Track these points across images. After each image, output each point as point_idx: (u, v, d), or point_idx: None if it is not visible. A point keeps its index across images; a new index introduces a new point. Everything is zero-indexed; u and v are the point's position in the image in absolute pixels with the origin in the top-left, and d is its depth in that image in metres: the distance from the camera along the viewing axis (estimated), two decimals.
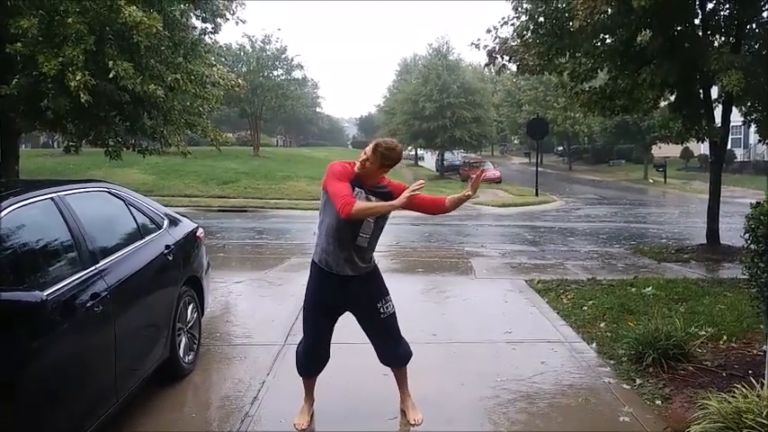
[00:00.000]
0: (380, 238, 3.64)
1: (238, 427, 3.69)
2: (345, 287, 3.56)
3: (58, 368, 2.87)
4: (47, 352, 2.80)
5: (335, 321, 3.72)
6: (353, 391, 4.15)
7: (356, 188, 3.41)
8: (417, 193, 3.30)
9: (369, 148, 3.40)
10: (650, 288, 7.05)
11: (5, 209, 2.90)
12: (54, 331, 2.88)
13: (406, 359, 3.78)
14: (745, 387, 3.36)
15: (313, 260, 3.65)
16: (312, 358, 3.71)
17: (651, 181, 33.71)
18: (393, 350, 3.74)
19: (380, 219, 3.54)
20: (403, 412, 3.80)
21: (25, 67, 9.60)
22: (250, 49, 38.25)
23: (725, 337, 5.12)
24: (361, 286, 3.59)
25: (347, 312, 3.71)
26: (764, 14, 9.82)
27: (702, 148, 31.58)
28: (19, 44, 9.10)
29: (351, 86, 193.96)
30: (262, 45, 38.61)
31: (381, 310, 3.63)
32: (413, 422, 3.71)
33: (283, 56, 39.67)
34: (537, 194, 24.39)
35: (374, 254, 3.71)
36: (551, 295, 7.00)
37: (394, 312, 3.70)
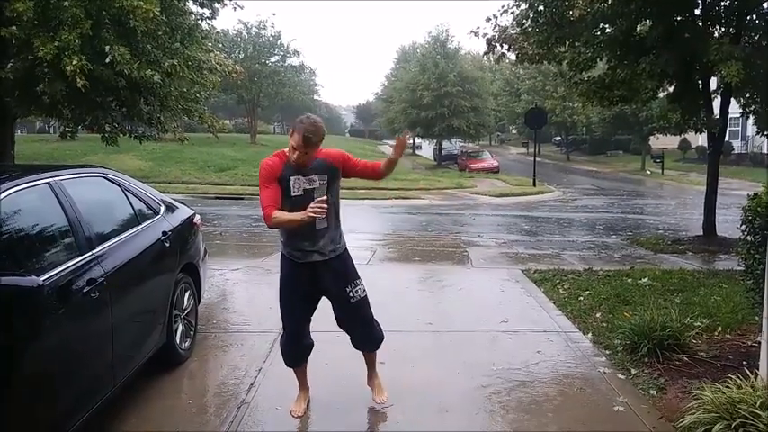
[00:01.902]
0: (376, 224, 3.63)
1: (235, 414, 3.70)
2: (315, 273, 3.57)
3: (54, 353, 2.87)
4: (44, 337, 2.79)
5: (314, 308, 3.72)
6: (349, 378, 4.15)
7: (292, 177, 3.40)
8: (319, 214, 3.25)
9: (297, 141, 3.30)
10: (646, 279, 7.08)
11: (2, 194, 2.89)
12: (51, 316, 2.88)
13: (376, 344, 3.79)
14: (739, 378, 3.38)
15: (282, 253, 3.67)
16: (295, 347, 3.70)
17: (648, 172, 33.73)
18: (365, 335, 3.74)
19: (329, 189, 3.48)
20: (372, 391, 3.84)
21: (20, 51, 9.50)
22: (246, 36, 38.01)
23: (720, 328, 5.14)
24: (330, 271, 3.59)
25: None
26: (765, 5, 9.79)
27: (700, 140, 31.60)
28: (14, 28, 8.99)
29: (349, 74, 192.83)
30: (257, 31, 38.38)
31: (351, 295, 3.61)
32: (378, 401, 3.76)
33: (279, 42, 39.45)
34: (534, 184, 24.38)
35: (342, 234, 3.69)
36: (548, 285, 7.02)
37: (365, 297, 3.67)
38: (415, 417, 3.71)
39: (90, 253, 3.32)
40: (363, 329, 3.72)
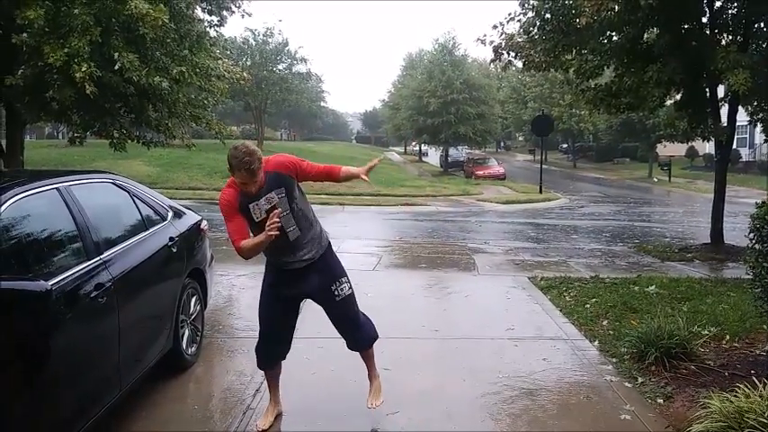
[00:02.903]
0: (382, 231, 3.62)
1: (240, 419, 3.70)
2: (299, 278, 3.56)
3: (62, 357, 2.88)
4: (51, 341, 2.81)
5: (295, 314, 3.71)
6: (351, 384, 4.14)
7: (250, 205, 3.32)
8: (275, 232, 3.17)
9: (239, 176, 3.20)
10: (653, 287, 7.05)
11: (11, 199, 2.91)
12: (58, 321, 2.90)
13: (369, 342, 3.74)
14: (747, 387, 3.35)
15: (267, 260, 3.65)
16: (267, 348, 3.67)
17: (656, 180, 33.60)
18: (355, 332, 3.70)
19: (290, 200, 3.41)
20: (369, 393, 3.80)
21: (31, 57, 9.59)
22: (254, 43, 38.21)
23: (728, 337, 5.11)
24: (314, 273, 3.56)
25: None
26: None
27: (708, 148, 31.44)
28: (25, 35, 9.09)
29: (355, 81, 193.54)
30: (264, 38, 38.57)
31: (336, 293, 3.59)
32: (369, 406, 3.72)
33: (286, 49, 39.63)
34: (541, 192, 24.33)
35: (323, 232, 3.65)
36: (554, 292, 6.99)
37: (350, 294, 3.64)
38: (420, 423, 3.70)
39: (98, 258, 3.34)
40: (353, 327, 3.68)
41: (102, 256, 3.38)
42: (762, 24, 9.88)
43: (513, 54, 11.04)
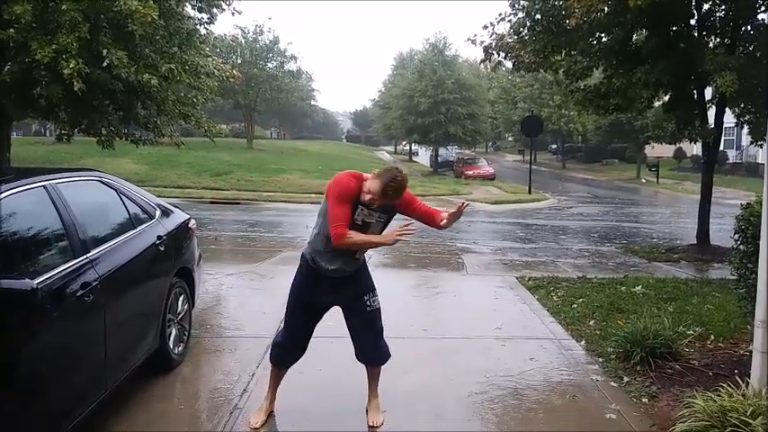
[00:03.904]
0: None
1: (227, 420, 3.69)
2: (334, 286, 3.57)
3: (47, 356, 2.87)
4: (37, 340, 2.79)
5: (320, 317, 3.71)
6: (341, 385, 4.15)
7: (359, 206, 3.38)
8: (407, 238, 3.33)
9: (376, 189, 3.28)
10: (640, 287, 7.10)
11: None
12: (44, 319, 2.88)
13: (384, 358, 3.74)
14: (730, 386, 3.40)
15: (303, 254, 3.64)
16: (288, 350, 3.69)
17: (644, 181, 33.84)
18: (373, 346, 3.69)
19: (383, 226, 3.54)
20: (367, 412, 3.75)
21: (18, 53, 9.52)
22: (243, 41, 38.06)
23: (712, 337, 5.17)
24: (349, 282, 3.59)
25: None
26: (759, 16, 9.88)
27: (695, 149, 31.74)
28: (12, 30, 9.01)
29: (346, 80, 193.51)
30: (254, 36, 38.42)
31: (368, 303, 3.62)
32: (371, 424, 3.66)
33: (276, 46, 39.50)
34: (530, 192, 24.43)
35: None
36: (542, 292, 7.03)
37: (379, 308, 3.68)
38: (407, 422, 3.71)
39: (85, 256, 3.32)
40: (374, 340, 3.68)
41: (88, 255, 3.36)
42: (749, 27, 9.99)
43: (503, 54, 11.10)
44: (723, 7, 10.11)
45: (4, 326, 2.63)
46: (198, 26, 12.85)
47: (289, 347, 3.69)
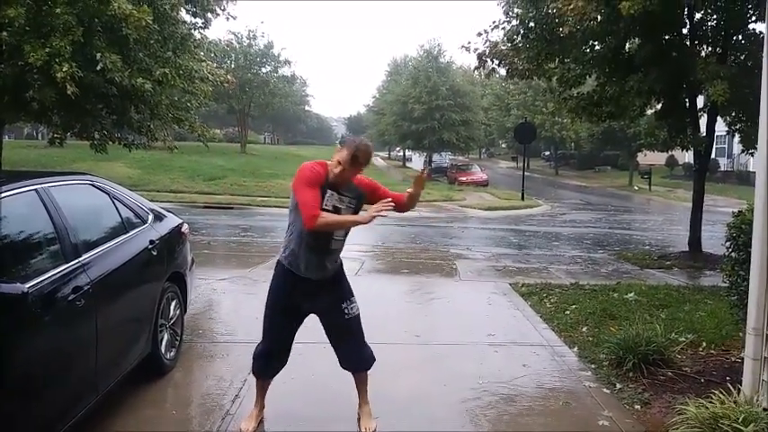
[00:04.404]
0: (364, 236, 3.61)
1: (219, 425, 3.67)
2: (311, 290, 3.51)
3: (38, 361, 2.85)
4: (27, 344, 2.77)
5: (299, 324, 3.65)
6: (331, 390, 4.14)
7: (328, 191, 3.36)
8: (384, 213, 3.25)
9: (344, 157, 3.29)
10: (632, 294, 7.12)
11: None
12: (35, 324, 2.85)
13: (368, 363, 3.69)
14: (722, 393, 3.41)
15: (279, 261, 3.58)
16: (269, 360, 3.64)
17: (636, 188, 34.00)
18: (356, 352, 3.64)
19: (354, 212, 3.48)
20: (359, 418, 3.72)
21: (11, 56, 9.48)
22: (237, 46, 38.09)
23: (704, 344, 5.19)
24: (327, 287, 3.55)
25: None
26: (750, 26, 9.96)
27: (687, 157, 31.82)
28: (5, 33, 8.99)
29: (340, 86, 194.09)
30: (248, 41, 38.47)
31: (346, 311, 3.57)
32: (364, 430, 3.64)
33: (270, 51, 39.56)
34: (523, 198, 24.51)
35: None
36: (534, 299, 7.04)
37: (358, 314, 3.63)
38: (400, 428, 3.70)
39: (76, 261, 3.30)
40: (355, 347, 3.64)
41: (80, 259, 3.34)
42: (740, 36, 10.07)
43: (496, 61, 11.15)
44: (714, 17, 10.19)
45: None
46: (192, 31, 12.85)
47: (270, 358, 3.63)
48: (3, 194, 3.02)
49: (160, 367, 4.35)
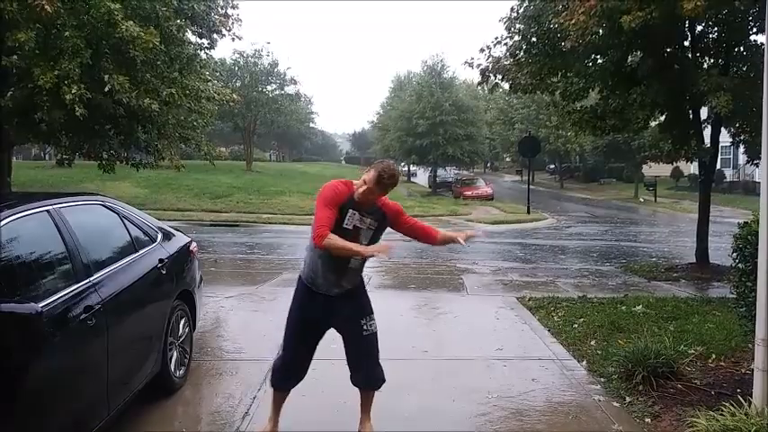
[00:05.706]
0: None
1: None
2: (331, 305, 3.56)
3: (51, 380, 2.88)
4: (40, 363, 2.80)
5: (320, 338, 3.69)
6: (350, 408, 4.14)
7: (350, 210, 3.41)
8: (386, 257, 3.45)
9: (370, 178, 3.35)
10: (640, 306, 7.10)
11: (2, 221, 2.92)
12: (48, 343, 2.89)
13: (378, 383, 3.71)
14: (733, 405, 3.40)
15: (300, 276, 3.65)
16: (288, 372, 3.67)
17: (642, 200, 33.91)
18: (370, 370, 3.66)
19: (374, 236, 3.55)
20: None
21: (21, 79, 9.62)
22: (243, 64, 38.41)
23: (714, 356, 5.16)
24: (347, 302, 3.59)
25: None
26: (751, 38, 10.01)
27: (692, 168, 31.82)
28: (15, 57, 9.13)
29: (345, 102, 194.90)
30: (254, 60, 38.79)
31: (365, 327, 3.60)
32: None
33: (275, 69, 39.87)
34: (529, 212, 24.48)
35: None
36: (542, 312, 7.03)
37: (376, 332, 3.66)
38: None
39: (87, 280, 3.34)
40: (370, 365, 3.66)
41: (91, 279, 3.38)
42: (741, 48, 10.12)
43: (499, 77, 11.21)
44: (716, 29, 10.25)
45: (9, 349, 2.64)
46: (198, 51, 13.01)
47: (289, 370, 3.67)
48: (16, 215, 3.07)
49: (170, 385, 4.37)
